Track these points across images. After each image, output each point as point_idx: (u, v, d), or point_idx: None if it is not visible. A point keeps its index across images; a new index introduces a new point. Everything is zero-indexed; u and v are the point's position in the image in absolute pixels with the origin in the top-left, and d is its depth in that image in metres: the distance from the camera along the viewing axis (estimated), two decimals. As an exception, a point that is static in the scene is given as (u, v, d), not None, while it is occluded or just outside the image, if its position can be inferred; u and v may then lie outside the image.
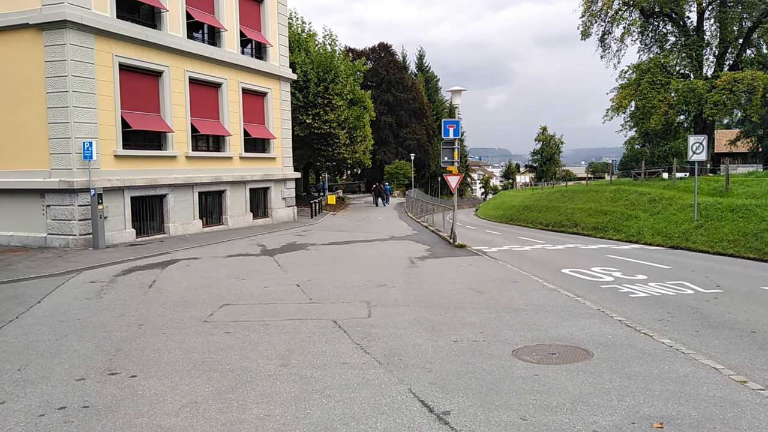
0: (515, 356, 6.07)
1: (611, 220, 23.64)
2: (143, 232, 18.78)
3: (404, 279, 11.34)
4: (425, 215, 33.67)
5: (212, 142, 22.44)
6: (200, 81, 21.19)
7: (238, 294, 9.84)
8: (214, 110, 22.16)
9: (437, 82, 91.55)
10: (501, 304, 8.81)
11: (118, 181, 17.37)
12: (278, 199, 26.24)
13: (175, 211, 19.93)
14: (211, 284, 10.83)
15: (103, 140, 17.13)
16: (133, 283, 11.06)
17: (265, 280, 11.32)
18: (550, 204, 32.47)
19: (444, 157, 17.79)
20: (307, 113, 33.89)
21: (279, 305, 8.91)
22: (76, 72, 16.19)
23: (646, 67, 30.20)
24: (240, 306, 8.91)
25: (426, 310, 8.41)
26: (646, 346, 6.37)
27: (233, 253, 15.45)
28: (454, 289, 10.11)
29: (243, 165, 23.56)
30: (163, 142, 19.67)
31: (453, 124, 17.44)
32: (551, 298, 9.25)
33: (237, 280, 11.23)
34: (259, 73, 24.39)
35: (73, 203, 16.32)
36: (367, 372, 5.58)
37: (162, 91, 19.41)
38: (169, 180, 19.37)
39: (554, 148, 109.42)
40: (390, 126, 69.57)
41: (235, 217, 23.03)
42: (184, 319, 8.03)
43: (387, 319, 7.84)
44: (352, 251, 16.22)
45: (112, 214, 17.40)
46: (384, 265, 13.28)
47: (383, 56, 70.70)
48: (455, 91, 17.49)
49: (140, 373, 5.69)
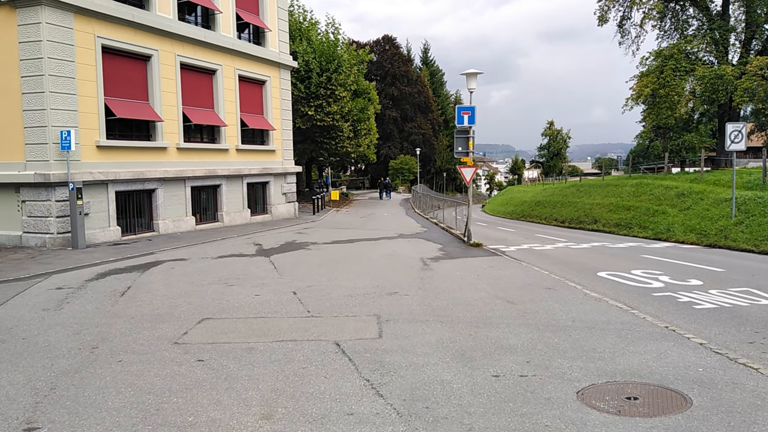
0: (583, 401, 4.48)
1: (635, 216, 21.97)
2: (130, 230, 17.26)
3: (418, 284, 9.77)
4: (433, 211, 32.15)
5: (206, 133, 20.88)
6: (193, 67, 19.61)
7: (223, 304, 8.29)
8: (208, 99, 20.59)
9: (442, 76, 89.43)
10: (541, 319, 7.21)
11: (100, 175, 15.84)
12: (278, 194, 24.67)
13: (165, 207, 18.39)
14: (194, 291, 9.28)
15: (84, 129, 15.59)
16: (105, 289, 9.52)
17: (258, 286, 9.77)
18: (565, 199, 30.76)
19: (458, 147, 16.19)
20: (309, 105, 32.26)
21: (270, 320, 7.35)
22: (53, 54, 14.64)
23: (668, 53, 28.38)
24: (223, 321, 7.35)
25: (450, 327, 6.84)
26: (757, 386, 4.75)
27: (226, 254, 13.92)
28: (479, 298, 8.53)
29: (240, 158, 21.99)
30: (152, 132, 18.12)
31: (468, 110, 15.83)
32: (600, 310, 7.65)
33: (225, 287, 9.68)
34: (257, 59, 22.79)
35: (50, 198, 14.80)
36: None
37: (150, 76, 17.85)
38: (158, 173, 17.83)
39: (561, 143, 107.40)
40: (395, 120, 67.84)
41: (231, 213, 21.49)
42: (150, 339, 6.48)
43: (403, 340, 6.27)
44: (358, 251, 14.65)
45: (94, 211, 15.87)
46: (394, 268, 11.71)
47: (387, 49, 68.89)
48: (470, 74, 15.85)
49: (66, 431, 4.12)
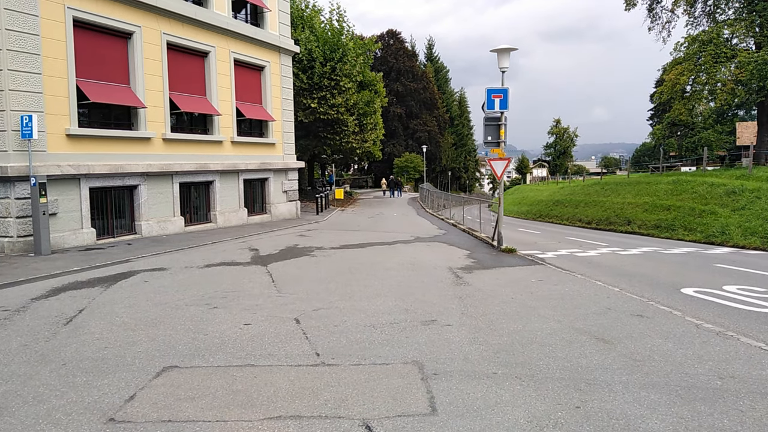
0: None
1: (678, 216, 19.65)
2: (107, 233, 14.98)
3: (458, 307, 7.49)
4: (444, 210, 29.91)
5: (197, 123, 18.60)
6: (182, 48, 17.33)
7: (198, 340, 6.01)
8: (199, 84, 18.30)
9: (447, 73, 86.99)
10: (666, 373, 4.90)
11: (71, 168, 13.56)
12: (278, 192, 22.38)
13: (149, 206, 16.11)
14: (164, 318, 7.00)
15: (52, 115, 13.33)
16: (49, 314, 7.24)
17: (250, 308, 7.49)
18: (589, 198, 28.41)
19: (487, 136, 13.89)
20: (311, 97, 29.92)
21: (262, 371, 5.07)
22: (12, 25, 12.38)
23: (706, 38, 26.02)
24: (193, 372, 5.07)
25: (536, 389, 4.55)
26: None
27: (215, 262, 11.63)
28: (551, 332, 6.25)
29: (236, 151, 19.70)
30: (134, 120, 15.85)
31: (499, 93, 13.54)
32: (739, 354, 5.35)
33: (206, 310, 7.40)
34: (255, 42, 20.51)
35: (9, 195, 12.53)
36: None
37: (132, 56, 15.58)
38: (141, 167, 15.56)
39: (568, 142, 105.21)
40: (399, 117, 65.54)
41: (225, 213, 19.21)
42: (74, 410, 4.20)
43: (474, 419, 3.97)
44: (372, 258, 12.36)
45: (64, 210, 13.61)
46: (421, 281, 9.43)
47: (392, 43, 66.63)
48: (502, 51, 13.55)
49: None
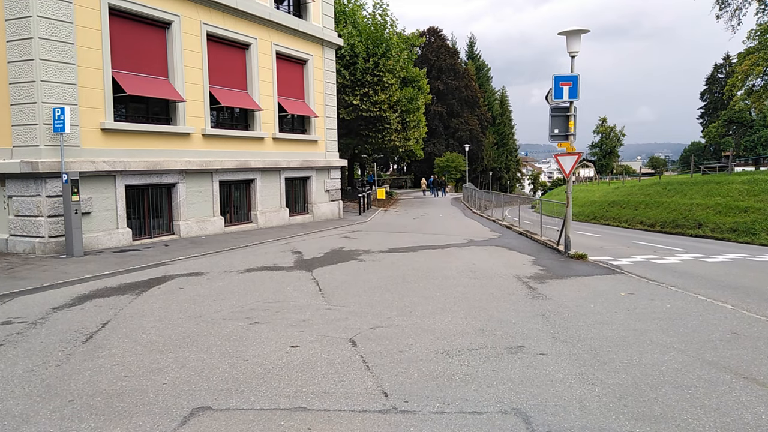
0: None
1: (759, 219, 17.77)
2: (144, 233, 14.22)
3: (546, 328, 6.21)
4: (489, 211, 28.52)
5: (238, 119, 17.75)
6: (222, 39, 16.50)
7: (237, 369, 4.91)
8: (240, 78, 17.45)
9: (488, 71, 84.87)
10: None
11: (105, 164, 12.81)
12: (320, 191, 21.39)
13: (188, 206, 15.30)
14: (198, 335, 5.95)
15: (86, 108, 12.59)
16: (69, 328, 6.30)
17: (296, 324, 6.39)
18: (650, 199, 26.45)
19: (554, 129, 12.49)
20: (353, 93, 28.91)
21: (317, 417, 3.92)
22: (44, 12, 11.66)
23: (788, 23, 23.93)
24: (229, 419, 3.95)
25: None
26: None
27: (256, 266, 10.63)
28: (678, 366, 4.91)
29: (277, 148, 18.78)
30: (173, 115, 15.07)
31: (568, 80, 12.12)
32: None
33: (246, 325, 6.34)
34: (298, 34, 19.56)
35: (40, 193, 11.82)
36: None
37: (171, 47, 14.79)
38: (179, 164, 14.76)
39: (614, 141, 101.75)
40: (440, 116, 64.13)
41: (266, 213, 18.30)
42: (75, 475, 3.13)
43: None
44: (426, 264, 11.13)
45: (98, 209, 12.87)
46: (489, 293, 8.17)
47: (433, 41, 65.30)
48: (572, 33, 12.10)
49: None
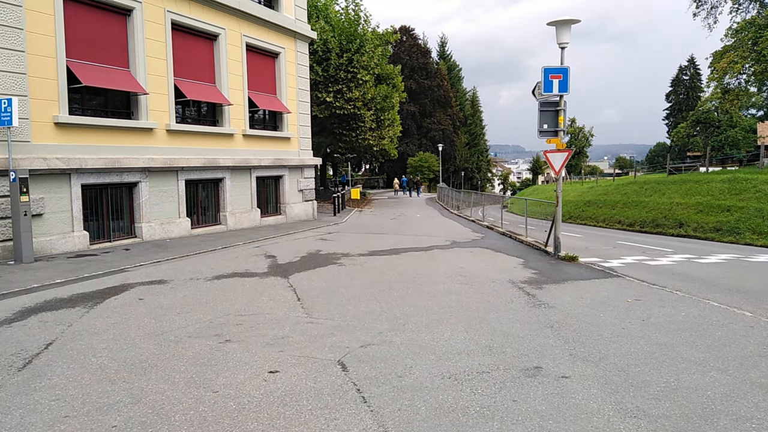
0: None
1: (741, 218, 17.56)
2: (103, 236, 13.12)
3: (559, 344, 5.53)
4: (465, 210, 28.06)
5: (206, 114, 16.72)
6: (189, 28, 15.46)
7: (206, 403, 4.06)
8: (208, 70, 16.42)
9: (459, 72, 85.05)
10: None
11: (59, 162, 11.70)
12: (294, 191, 20.46)
13: (151, 206, 14.23)
14: (158, 358, 5.06)
15: (37, 100, 11.47)
16: (3, 350, 5.34)
17: (273, 342, 5.56)
18: (628, 198, 26.25)
19: (543, 124, 11.90)
20: (327, 90, 28.00)
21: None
22: (-11, -6, 10.53)
23: (763, 22, 23.90)
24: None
25: None
26: None
27: (226, 272, 9.71)
28: (726, 390, 4.27)
29: (248, 145, 17.80)
30: (134, 108, 13.99)
31: (558, 73, 11.54)
32: None
33: (216, 345, 5.47)
34: (269, 25, 18.60)
35: (-16, 193, 10.68)
36: None
37: (132, 36, 13.72)
38: (141, 162, 13.69)
39: (583, 142, 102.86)
40: (413, 115, 63.67)
41: (236, 214, 17.30)
42: None
43: None
44: (412, 268, 10.38)
45: (51, 210, 11.75)
46: (485, 301, 7.46)
47: (405, 40, 64.74)
48: (561, 23, 11.52)
49: None
